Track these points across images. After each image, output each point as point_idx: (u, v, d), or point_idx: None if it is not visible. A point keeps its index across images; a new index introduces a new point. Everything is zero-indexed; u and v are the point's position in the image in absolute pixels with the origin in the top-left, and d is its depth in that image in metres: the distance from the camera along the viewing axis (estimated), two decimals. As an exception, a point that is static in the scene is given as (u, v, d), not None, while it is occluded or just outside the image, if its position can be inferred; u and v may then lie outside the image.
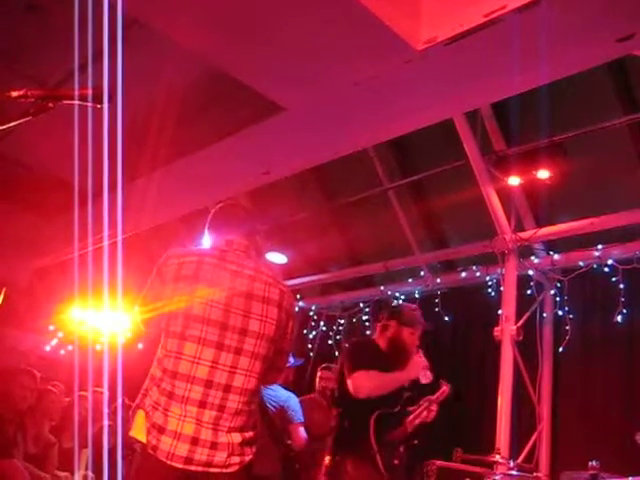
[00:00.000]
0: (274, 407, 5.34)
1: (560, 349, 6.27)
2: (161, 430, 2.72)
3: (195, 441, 2.72)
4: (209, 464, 2.73)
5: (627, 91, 5.43)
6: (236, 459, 2.80)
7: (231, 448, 2.79)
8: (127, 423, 6.43)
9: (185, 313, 2.82)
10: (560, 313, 6.32)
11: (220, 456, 2.75)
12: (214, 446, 2.75)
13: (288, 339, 3.08)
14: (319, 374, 6.30)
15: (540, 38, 3.40)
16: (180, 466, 2.69)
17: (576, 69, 3.98)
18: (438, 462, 4.78)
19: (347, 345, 4.21)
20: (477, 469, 5.04)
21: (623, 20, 3.37)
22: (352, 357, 4.00)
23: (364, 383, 3.82)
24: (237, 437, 2.82)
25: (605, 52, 3.79)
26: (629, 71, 5.32)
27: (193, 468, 2.70)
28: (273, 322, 2.94)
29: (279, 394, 5.42)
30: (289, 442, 5.47)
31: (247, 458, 2.85)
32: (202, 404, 2.76)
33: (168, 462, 2.69)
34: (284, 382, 5.64)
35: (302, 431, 5.43)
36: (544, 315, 6.48)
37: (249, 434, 2.88)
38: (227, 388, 2.81)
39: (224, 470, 2.76)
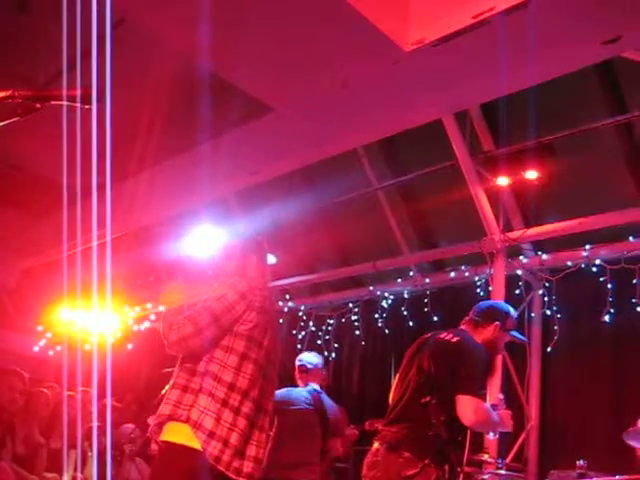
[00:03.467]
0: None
1: (548, 349, 6.29)
2: (242, 456, 2.98)
3: (242, 455, 2.99)
4: (251, 477, 3.00)
5: (615, 92, 5.46)
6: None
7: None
8: (116, 425, 6.46)
9: (259, 343, 3.09)
10: (548, 313, 6.35)
11: (257, 470, 3.03)
12: (257, 461, 3.04)
13: None
14: None
15: (528, 40, 3.41)
16: (234, 477, 2.95)
17: (564, 70, 4.00)
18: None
19: (464, 346, 3.50)
20: (465, 468, 5.06)
21: (609, 23, 3.40)
22: (474, 371, 3.41)
23: (480, 417, 3.32)
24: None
25: (592, 54, 3.82)
26: (617, 72, 5.35)
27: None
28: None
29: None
30: None
31: None
32: (261, 428, 3.09)
33: (227, 473, 2.93)
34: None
35: None
36: (532, 315, 6.50)
37: None
38: (266, 413, 3.14)
39: None
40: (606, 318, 5.89)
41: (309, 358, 5.51)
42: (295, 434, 5.06)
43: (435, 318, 6.90)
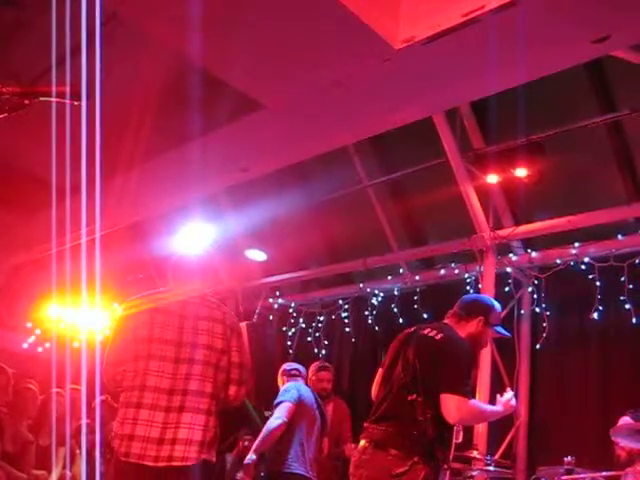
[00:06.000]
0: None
1: (537, 346, 6.32)
2: (131, 438, 3.19)
3: (161, 441, 3.18)
4: (171, 458, 3.17)
5: (605, 90, 5.48)
6: (194, 454, 3.21)
7: (189, 444, 3.22)
8: (105, 422, 6.45)
9: (148, 337, 3.36)
10: (537, 310, 6.37)
11: (178, 450, 3.18)
12: (173, 442, 3.19)
13: (236, 352, 3.54)
14: (318, 375, 6.15)
15: (517, 38, 3.42)
16: (150, 464, 3.15)
17: (553, 69, 4.01)
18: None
19: (447, 343, 3.43)
20: (455, 465, 5.08)
21: (599, 22, 3.41)
22: (458, 368, 3.35)
23: (464, 415, 3.32)
24: (197, 435, 3.25)
25: (582, 53, 3.83)
26: (607, 70, 5.37)
27: (161, 464, 3.16)
28: (219, 336, 3.46)
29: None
30: None
31: (203, 456, 3.26)
32: (168, 409, 3.24)
33: (140, 462, 3.16)
34: None
35: None
36: (522, 312, 6.52)
37: (209, 434, 3.31)
38: (184, 392, 3.29)
39: (183, 463, 3.18)
40: (594, 315, 5.92)
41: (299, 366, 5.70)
42: (311, 430, 5.26)
43: (425, 315, 6.91)
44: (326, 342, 7.95)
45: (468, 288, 6.70)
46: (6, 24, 4.45)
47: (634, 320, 5.72)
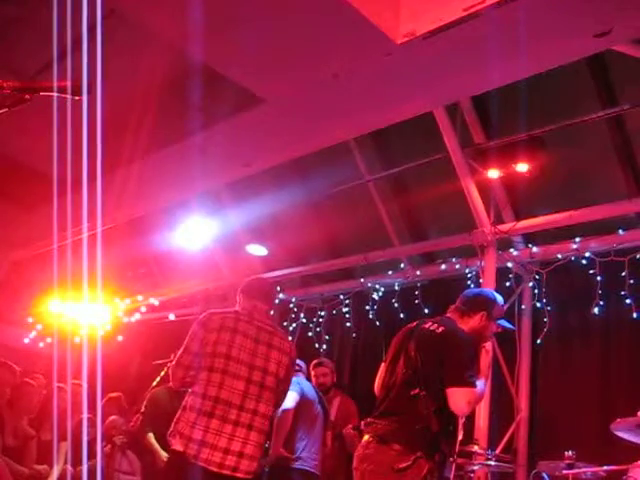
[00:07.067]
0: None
1: (538, 341, 6.32)
2: (201, 443, 3.54)
3: (227, 451, 3.58)
4: (236, 469, 3.58)
5: (606, 85, 5.47)
6: (254, 468, 3.66)
7: (253, 460, 3.65)
8: (106, 417, 6.44)
9: (226, 355, 3.74)
10: (538, 305, 6.37)
11: (244, 464, 3.60)
12: (240, 455, 3.60)
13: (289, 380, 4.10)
14: (315, 371, 6.23)
15: (519, 33, 3.42)
16: (215, 470, 3.53)
17: (555, 63, 4.01)
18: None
19: (449, 336, 3.46)
20: (456, 459, 5.09)
21: (601, 16, 3.41)
22: (461, 361, 3.36)
23: (473, 406, 3.40)
24: (259, 452, 3.73)
25: (583, 47, 3.83)
26: (608, 65, 5.36)
27: (225, 472, 3.55)
28: (284, 366, 3.91)
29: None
30: None
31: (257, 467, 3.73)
32: (236, 423, 3.64)
33: (206, 466, 3.52)
34: None
35: None
36: (523, 307, 6.52)
37: (262, 449, 3.81)
38: (255, 412, 3.72)
39: (246, 476, 3.61)
40: (595, 310, 5.92)
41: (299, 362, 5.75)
42: (313, 424, 5.38)
43: (426, 310, 6.91)
44: (327, 337, 7.94)
45: (469, 283, 6.70)
46: (6, 19, 4.45)
47: (635, 315, 5.71)
